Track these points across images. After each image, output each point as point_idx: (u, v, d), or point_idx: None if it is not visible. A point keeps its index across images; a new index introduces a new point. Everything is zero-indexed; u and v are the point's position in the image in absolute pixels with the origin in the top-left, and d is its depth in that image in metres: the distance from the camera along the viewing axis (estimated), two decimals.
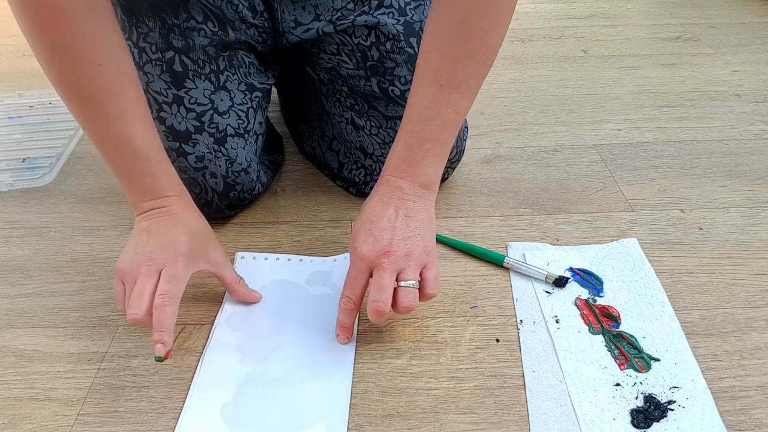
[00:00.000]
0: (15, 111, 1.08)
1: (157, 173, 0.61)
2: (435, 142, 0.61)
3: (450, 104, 0.60)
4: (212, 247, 0.63)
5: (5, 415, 0.57)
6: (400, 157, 0.62)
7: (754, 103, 1.05)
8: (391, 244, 0.58)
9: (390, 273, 0.58)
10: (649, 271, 0.70)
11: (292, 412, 0.57)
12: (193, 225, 0.62)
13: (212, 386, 0.59)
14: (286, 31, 0.76)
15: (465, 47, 0.58)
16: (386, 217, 0.60)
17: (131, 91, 0.59)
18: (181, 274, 0.58)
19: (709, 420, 0.55)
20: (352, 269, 0.60)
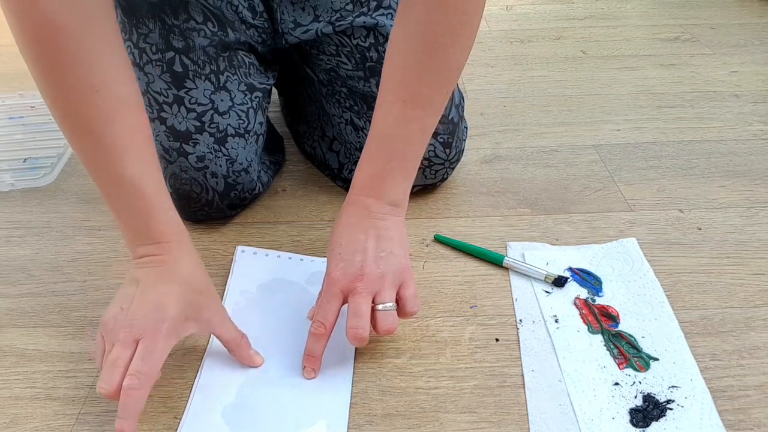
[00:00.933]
0: (16, 111, 1.08)
1: (152, 214, 0.55)
2: (400, 159, 0.60)
3: (413, 121, 0.58)
4: (207, 305, 0.57)
5: (6, 414, 0.57)
6: (366, 176, 0.60)
7: (753, 104, 1.05)
8: (363, 267, 0.57)
9: (365, 297, 0.56)
10: (648, 270, 0.70)
11: (293, 411, 0.57)
12: (187, 279, 0.56)
13: (213, 387, 0.59)
14: (285, 32, 0.76)
15: (427, 63, 0.56)
16: (356, 238, 0.59)
17: (129, 120, 0.53)
18: (159, 347, 0.52)
19: (707, 419, 0.55)
20: (325, 294, 0.58)
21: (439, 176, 0.82)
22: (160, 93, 0.71)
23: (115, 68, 0.52)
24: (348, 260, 0.58)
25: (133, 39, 0.71)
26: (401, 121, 0.58)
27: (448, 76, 0.59)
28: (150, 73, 0.71)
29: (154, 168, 0.56)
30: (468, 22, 0.56)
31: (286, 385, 0.59)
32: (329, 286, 0.58)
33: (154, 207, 0.55)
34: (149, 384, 0.51)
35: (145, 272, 0.55)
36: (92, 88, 0.51)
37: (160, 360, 0.52)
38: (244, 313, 0.66)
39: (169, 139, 0.72)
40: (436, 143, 0.78)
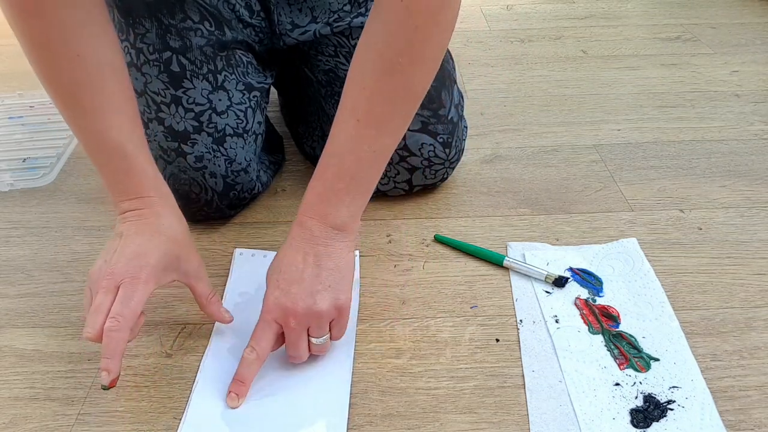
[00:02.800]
0: (16, 111, 1.08)
1: (134, 171, 0.58)
2: (350, 180, 0.57)
3: (366, 141, 0.56)
4: (185, 257, 0.59)
5: (6, 415, 0.57)
6: (314, 194, 0.58)
7: (754, 104, 1.05)
8: (296, 302, 0.55)
9: (300, 332, 0.57)
10: (649, 271, 0.70)
11: (292, 412, 0.57)
12: (168, 230, 0.58)
13: (213, 388, 0.59)
14: (283, 33, 0.76)
15: (385, 83, 0.54)
16: (295, 266, 0.57)
17: (112, 83, 0.56)
18: (139, 291, 0.54)
19: (708, 420, 0.55)
20: (261, 320, 0.57)
21: (439, 176, 0.81)
22: (157, 93, 0.71)
23: (97, 38, 0.55)
24: (284, 289, 0.56)
25: (130, 39, 0.71)
26: (354, 140, 0.56)
27: (407, 101, 0.56)
28: (147, 73, 0.71)
29: (135, 127, 0.58)
30: (432, 45, 0.54)
31: (286, 386, 0.59)
32: (265, 313, 0.57)
33: (135, 165, 0.58)
34: (128, 325, 0.53)
35: (127, 226, 0.58)
36: (75, 51, 0.54)
37: (140, 303, 0.54)
38: (243, 315, 0.66)
39: (167, 140, 0.72)
40: (436, 143, 0.78)
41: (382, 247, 0.76)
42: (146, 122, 0.72)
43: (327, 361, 0.61)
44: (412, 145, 0.77)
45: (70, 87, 0.55)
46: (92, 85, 0.55)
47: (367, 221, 0.80)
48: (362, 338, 0.64)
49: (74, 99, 0.56)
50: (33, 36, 0.54)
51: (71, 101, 0.56)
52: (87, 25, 0.54)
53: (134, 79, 0.71)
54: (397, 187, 0.82)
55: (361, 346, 0.63)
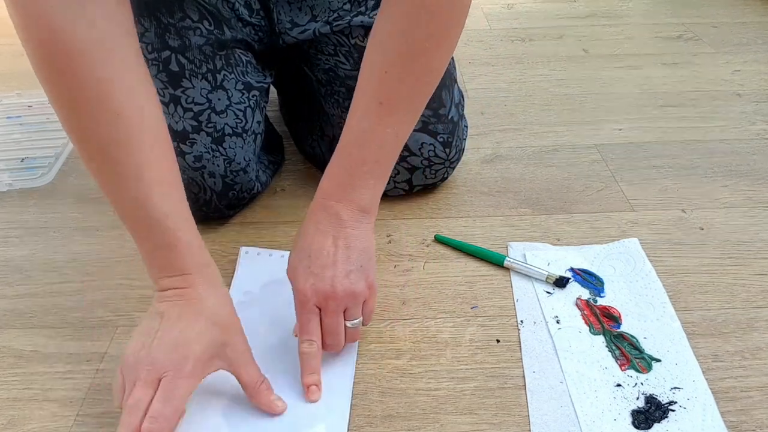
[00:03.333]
0: (14, 111, 1.08)
1: (176, 246, 0.52)
2: (374, 164, 0.57)
3: (390, 125, 0.56)
4: (231, 342, 0.54)
5: (4, 416, 0.57)
6: (336, 179, 0.58)
7: (756, 103, 1.05)
8: (334, 285, 0.55)
9: (339, 315, 0.57)
10: (650, 271, 0.70)
11: (293, 412, 0.56)
12: (213, 314, 0.53)
13: (213, 387, 0.58)
14: (282, 32, 0.76)
15: (409, 66, 0.54)
16: (325, 250, 0.56)
17: (154, 144, 0.51)
18: (182, 388, 0.50)
19: (710, 421, 0.54)
20: (302, 311, 0.57)
21: (440, 176, 0.81)
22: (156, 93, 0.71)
23: (135, 90, 0.50)
24: (318, 275, 0.56)
25: None
26: (377, 124, 0.56)
27: (429, 81, 0.57)
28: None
29: (178, 195, 0.53)
30: (453, 26, 0.55)
31: (286, 386, 0.59)
32: (304, 303, 0.56)
33: (179, 240, 0.52)
34: (170, 427, 0.49)
35: (168, 306, 0.53)
36: (112, 110, 0.48)
37: (183, 401, 0.50)
38: (247, 313, 0.66)
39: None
40: (436, 143, 0.77)
41: (382, 247, 0.76)
42: None
43: (329, 361, 0.61)
44: (412, 144, 0.77)
45: (107, 149, 0.50)
46: (132, 147, 0.50)
47: None
48: (362, 339, 0.64)
49: (112, 163, 0.50)
50: (65, 95, 0.48)
51: (108, 166, 0.50)
52: (127, 80, 0.49)
53: None
54: (397, 187, 0.81)
55: (362, 347, 0.63)
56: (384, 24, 0.55)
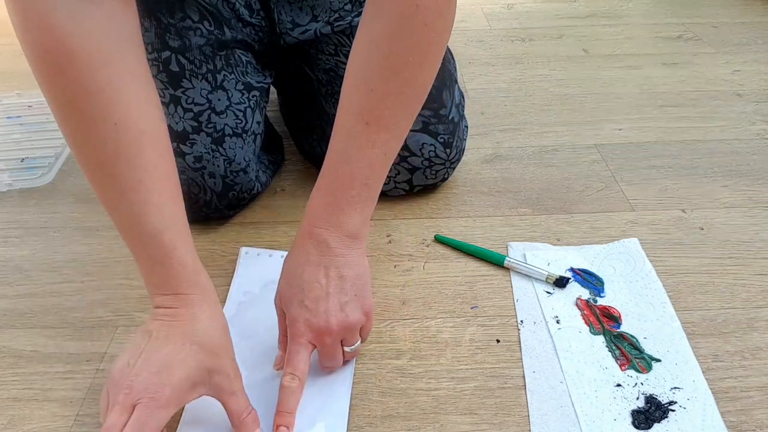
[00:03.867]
0: (14, 111, 1.08)
1: (171, 264, 0.51)
2: (362, 187, 0.55)
3: (377, 145, 0.54)
4: (219, 368, 0.51)
5: (4, 416, 0.57)
6: (323, 204, 0.55)
7: (756, 103, 1.05)
8: (329, 320, 0.54)
9: (334, 347, 0.56)
10: (650, 271, 0.70)
11: None
12: (203, 337, 0.51)
13: None
14: (283, 32, 0.76)
15: (392, 82, 0.52)
16: (317, 283, 0.54)
17: (153, 157, 0.49)
18: (155, 416, 0.47)
19: (710, 420, 0.54)
20: (293, 344, 0.54)
21: (440, 176, 0.81)
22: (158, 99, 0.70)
23: (137, 102, 0.49)
24: (312, 310, 0.54)
25: None
26: (364, 144, 0.53)
27: (415, 97, 0.55)
28: None
29: (175, 209, 0.52)
30: (436, 40, 0.53)
31: None
32: (296, 337, 0.54)
33: (173, 257, 0.51)
34: None
35: (158, 325, 0.51)
36: (111, 119, 0.47)
37: (155, 430, 0.47)
38: (247, 313, 0.66)
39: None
40: (437, 143, 0.77)
41: (382, 247, 0.76)
42: None
43: None
44: (412, 145, 0.77)
45: (103, 159, 0.48)
46: (129, 159, 0.48)
47: None
48: None
49: (108, 174, 0.49)
50: (62, 99, 0.47)
51: (104, 176, 0.49)
52: (128, 88, 0.48)
53: None
54: (398, 187, 0.81)
55: (362, 347, 0.63)
56: (365, 39, 0.53)
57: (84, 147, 0.49)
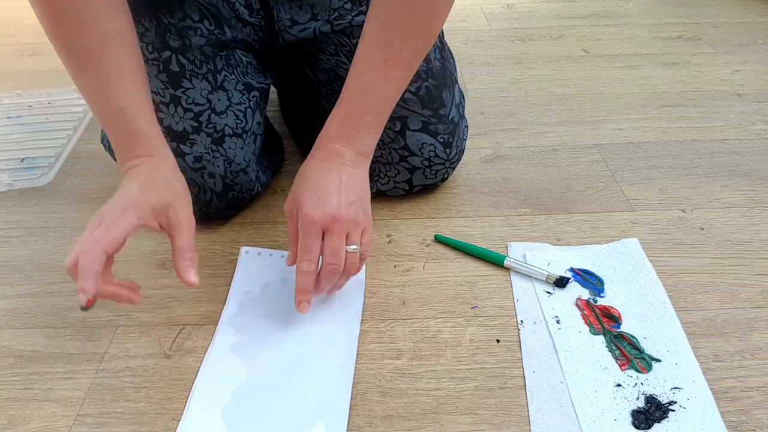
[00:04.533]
0: (14, 111, 1.08)
1: (135, 133, 0.60)
2: (376, 115, 0.63)
3: (392, 81, 0.62)
4: (174, 205, 0.59)
5: (4, 416, 0.57)
6: (339, 126, 0.64)
7: (756, 103, 1.05)
8: (339, 209, 0.60)
9: (341, 237, 0.61)
10: (650, 271, 0.70)
11: (293, 413, 0.56)
12: (162, 179, 0.59)
13: (213, 388, 0.59)
14: (282, 30, 0.76)
15: (410, 26, 0.61)
16: (330, 182, 0.62)
17: (118, 49, 0.59)
18: (116, 221, 0.55)
19: (710, 420, 0.54)
20: (306, 234, 0.61)
21: (440, 176, 0.81)
22: (156, 93, 0.71)
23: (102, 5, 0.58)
24: (324, 201, 0.61)
25: None
26: (382, 79, 0.62)
27: (428, 40, 0.64)
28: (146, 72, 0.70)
29: (139, 90, 0.61)
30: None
31: (287, 387, 0.59)
32: (309, 224, 0.60)
33: (136, 127, 0.60)
34: (102, 248, 0.53)
35: (129, 177, 0.60)
36: (79, 20, 0.57)
37: (119, 230, 0.54)
38: (248, 314, 0.66)
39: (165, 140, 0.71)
40: (437, 143, 0.77)
41: (382, 247, 0.76)
42: None
43: (329, 362, 0.61)
44: (412, 145, 0.77)
45: (79, 51, 0.58)
46: (99, 50, 0.58)
47: None
48: (362, 339, 0.64)
49: (83, 63, 0.59)
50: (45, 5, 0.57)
51: (80, 66, 0.59)
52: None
53: None
54: (398, 187, 0.81)
55: (362, 347, 0.63)
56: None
57: (62, 44, 0.59)
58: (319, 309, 0.67)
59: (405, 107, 0.75)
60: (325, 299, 0.68)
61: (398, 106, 0.76)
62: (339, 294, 0.68)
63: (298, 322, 0.65)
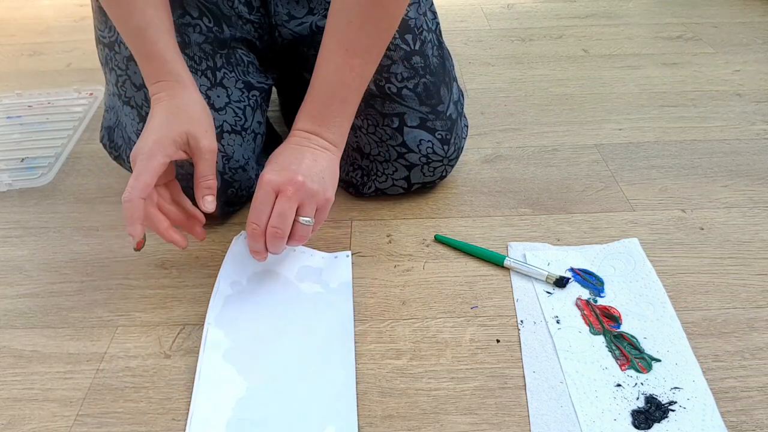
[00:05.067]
0: (14, 111, 1.08)
1: (154, 56, 0.63)
2: (341, 103, 0.65)
3: (355, 69, 0.64)
4: (195, 133, 0.62)
5: (4, 416, 0.57)
6: (308, 116, 0.66)
7: (756, 103, 1.05)
8: (297, 175, 0.61)
9: (292, 203, 0.61)
10: (650, 271, 0.70)
11: (299, 421, 0.55)
12: (177, 108, 0.63)
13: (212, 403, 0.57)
14: (279, 24, 0.76)
15: (369, 15, 0.62)
16: (295, 156, 0.63)
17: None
18: (145, 166, 0.60)
19: (710, 421, 0.54)
20: (259, 195, 0.61)
21: (438, 173, 0.81)
22: None
23: None
24: (285, 167, 0.62)
25: None
26: (343, 68, 0.64)
27: (388, 28, 0.65)
28: None
29: (162, 17, 0.65)
30: None
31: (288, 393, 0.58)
32: (263, 185, 0.61)
33: (156, 51, 0.63)
34: (137, 195, 0.59)
35: (153, 108, 0.64)
36: None
37: (149, 175, 0.59)
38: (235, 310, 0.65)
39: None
40: (434, 139, 0.77)
41: (382, 247, 0.76)
42: (144, 116, 0.72)
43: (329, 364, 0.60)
44: (410, 141, 0.77)
45: None
46: None
47: (367, 221, 0.80)
48: (362, 339, 0.64)
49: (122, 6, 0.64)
50: None
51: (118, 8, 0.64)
52: None
53: (133, 73, 0.72)
54: (396, 185, 0.81)
55: (361, 347, 0.63)
56: None
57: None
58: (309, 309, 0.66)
59: (403, 104, 0.76)
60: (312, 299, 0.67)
61: (396, 102, 0.76)
62: (325, 293, 0.68)
63: (291, 326, 0.64)
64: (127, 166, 0.79)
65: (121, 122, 0.77)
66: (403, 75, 0.75)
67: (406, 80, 0.75)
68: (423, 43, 0.76)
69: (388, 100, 0.76)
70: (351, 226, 0.79)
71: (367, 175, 0.81)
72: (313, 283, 0.69)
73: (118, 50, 0.73)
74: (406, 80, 0.75)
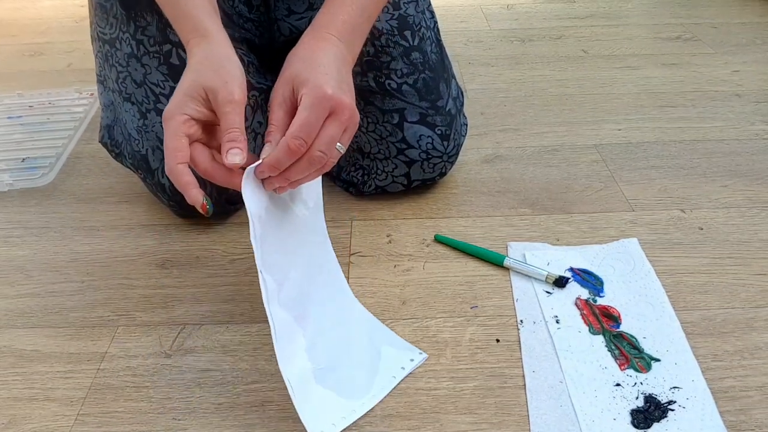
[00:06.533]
0: (15, 111, 1.08)
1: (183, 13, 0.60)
2: (368, 21, 0.63)
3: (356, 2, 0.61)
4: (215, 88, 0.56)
5: (5, 416, 0.57)
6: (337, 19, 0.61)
7: (755, 103, 1.05)
8: (352, 102, 0.56)
9: (341, 129, 0.55)
10: (650, 271, 0.70)
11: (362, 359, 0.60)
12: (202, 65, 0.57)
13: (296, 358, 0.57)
14: (279, 19, 0.76)
15: None
16: (339, 70, 0.57)
17: None
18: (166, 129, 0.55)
19: (709, 420, 0.54)
20: (313, 108, 0.53)
21: (437, 170, 0.81)
22: (157, 84, 0.71)
23: None
24: (341, 84, 0.56)
25: (130, 31, 0.72)
26: None
27: None
28: (147, 64, 0.72)
29: None
30: None
31: (337, 335, 0.61)
32: (320, 99, 0.53)
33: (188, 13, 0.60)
34: (173, 162, 0.55)
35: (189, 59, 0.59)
36: None
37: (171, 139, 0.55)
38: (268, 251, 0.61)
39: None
40: (434, 135, 0.78)
41: (382, 247, 0.76)
42: (145, 113, 0.73)
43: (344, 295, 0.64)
44: (410, 137, 0.77)
45: None
46: None
47: (367, 221, 0.80)
48: None
49: None
50: None
51: None
52: None
53: (134, 70, 0.72)
54: (396, 182, 0.81)
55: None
56: None
57: None
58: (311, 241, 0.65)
59: (403, 99, 0.76)
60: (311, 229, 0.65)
61: (396, 98, 0.76)
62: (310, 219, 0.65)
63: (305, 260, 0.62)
64: (128, 163, 0.79)
65: (121, 119, 0.77)
66: (402, 71, 0.75)
67: (406, 76, 0.75)
68: (422, 39, 0.76)
69: (388, 96, 0.76)
70: (351, 226, 0.79)
71: (367, 174, 0.81)
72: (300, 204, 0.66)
73: (119, 47, 0.73)
74: (406, 76, 0.75)
